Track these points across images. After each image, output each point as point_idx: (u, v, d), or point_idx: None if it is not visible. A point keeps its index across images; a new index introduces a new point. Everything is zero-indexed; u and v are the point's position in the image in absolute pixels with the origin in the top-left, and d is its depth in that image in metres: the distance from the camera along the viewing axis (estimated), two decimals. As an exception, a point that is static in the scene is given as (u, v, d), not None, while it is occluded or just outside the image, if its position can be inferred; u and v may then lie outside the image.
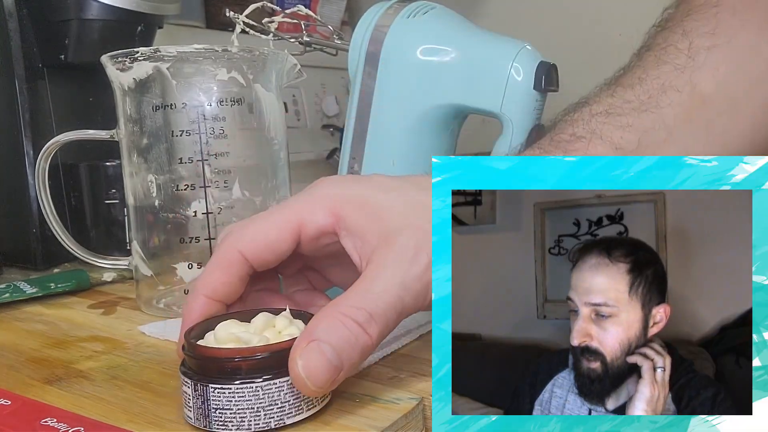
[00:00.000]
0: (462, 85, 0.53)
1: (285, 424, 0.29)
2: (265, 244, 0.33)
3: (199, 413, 0.29)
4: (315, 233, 0.34)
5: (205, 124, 0.45)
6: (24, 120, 0.60)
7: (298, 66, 0.51)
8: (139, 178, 0.46)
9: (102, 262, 0.51)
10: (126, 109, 0.46)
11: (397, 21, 0.55)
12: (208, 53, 0.45)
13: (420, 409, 0.32)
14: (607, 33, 0.94)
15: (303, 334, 0.29)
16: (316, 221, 0.33)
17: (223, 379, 0.29)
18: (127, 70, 0.45)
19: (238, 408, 0.28)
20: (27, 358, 0.39)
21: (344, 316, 0.29)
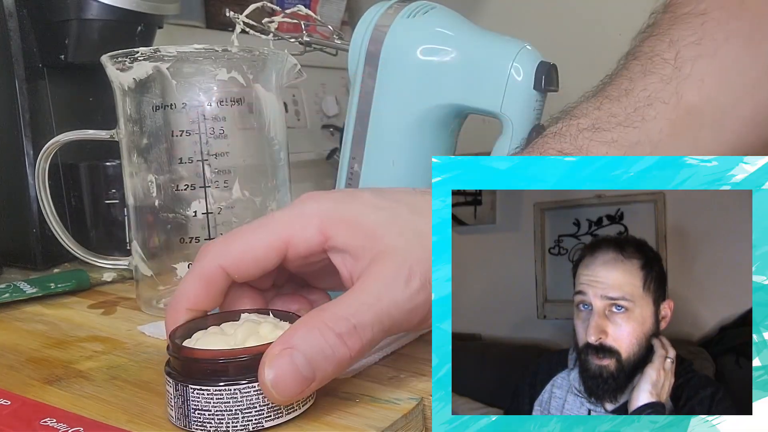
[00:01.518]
0: (462, 85, 0.53)
1: (263, 427, 0.29)
2: (251, 261, 0.33)
3: (179, 413, 0.29)
4: (304, 251, 0.33)
5: (205, 124, 0.45)
6: (24, 120, 0.60)
7: (298, 66, 0.51)
8: (139, 178, 0.46)
9: (102, 262, 0.51)
10: (126, 109, 0.46)
11: (397, 21, 0.55)
12: (208, 53, 0.45)
13: (420, 409, 0.32)
14: (607, 33, 0.94)
15: (279, 339, 0.29)
16: (306, 239, 0.33)
17: (203, 380, 0.29)
18: (127, 70, 0.45)
19: (216, 410, 0.29)
20: (27, 358, 0.39)
21: (325, 325, 0.29)
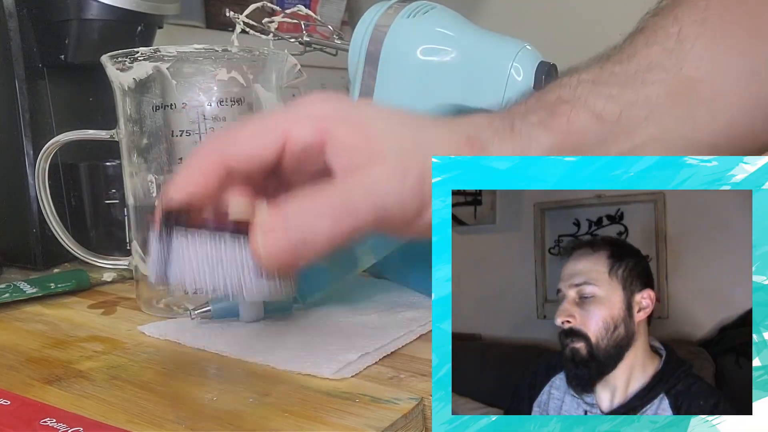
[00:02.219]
0: (462, 85, 0.53)
1: (243, 288, 0.29)
2: (249, 153, 0.32)
3: (160, 265, 0.29)
4: (300, 147, 0.32)
5: (205, 124, 0.45)
6: (24, 120, 0.60)
7: (298, 66, 0.51)
8: (139, 178, 0.46)
9: (102, 262, 0.51)
10: (126, 109, 0.46)
11: (397, 21, 0.55)
12: (208, 53, 0.45)
13: (420, 409, 0.32)
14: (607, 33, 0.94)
15: (273, 208, 0.29)
16: (303, 136, 0.32)
17: (189, 228, 0.29)
18: (127, 70, 0.45)
19: (197, 259, 0.28)
20: (27, 358, 0.39)
21: (320, 200, 0.29)
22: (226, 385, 0.35)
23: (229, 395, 0.33)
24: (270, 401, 0.32)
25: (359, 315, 0.44)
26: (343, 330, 0.41)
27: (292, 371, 0.36)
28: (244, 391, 0.34)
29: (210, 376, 0.37)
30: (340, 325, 0.43)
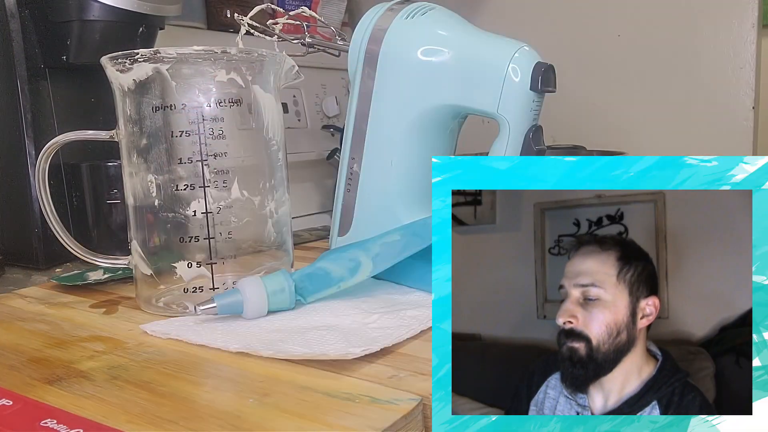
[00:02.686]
0: (459, 86, 0.53)
1: None
2: None
3: None
4: None
5: (204, 125, 0.45)
6: (26, 120, 0.60)
7: (296, 67, 0.51)
8: (139, 178, 0.46)
9: (102, 262, 0.51)
10: (126, 109, 0.46)
11: (396, 22, 0.55)
12: (208, 55, 0.45)
13: (420, 409, 0.32)
14: (607, 33, 0.94)
15: None
16: None
17: None
18: (127, 71, 0.45)
19: None
20: (28, 358, 0.39)
21: None
22: (226, 386, 0.35)
23: (229, 395, 0.33)
24: (270, 401, 0.32)
25: (361, 312, 0.44)
26: (345, 327, 0.42)
27: (292, 369, 0.36)
28: (244, 391, 0.34)
29: (210, 377, 0.37)
30: (341, 323, 0.43)
